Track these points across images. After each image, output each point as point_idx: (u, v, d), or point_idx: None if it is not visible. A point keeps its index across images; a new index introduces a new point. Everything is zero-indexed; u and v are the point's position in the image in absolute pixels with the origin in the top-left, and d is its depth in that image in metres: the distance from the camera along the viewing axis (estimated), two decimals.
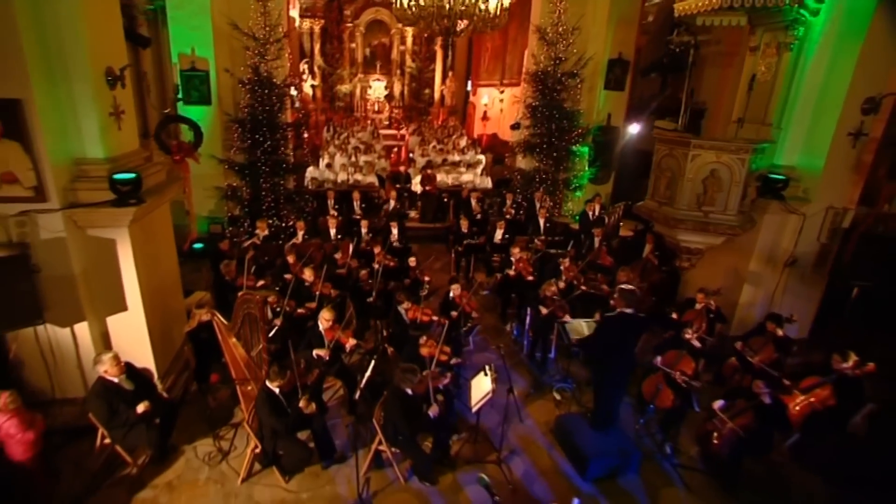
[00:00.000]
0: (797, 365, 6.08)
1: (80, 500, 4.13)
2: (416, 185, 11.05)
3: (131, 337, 5.07)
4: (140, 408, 4.27)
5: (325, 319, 5.25)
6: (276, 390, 4.37)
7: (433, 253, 9.11)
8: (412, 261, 7.08)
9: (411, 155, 13.29)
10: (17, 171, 4.17)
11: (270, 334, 5.47)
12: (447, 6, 6.64)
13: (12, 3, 3.86)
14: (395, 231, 8.46)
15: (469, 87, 16.51)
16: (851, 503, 4.28)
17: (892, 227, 6.09)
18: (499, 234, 8.64)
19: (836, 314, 6.58)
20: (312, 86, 16.02)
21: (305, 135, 15.02)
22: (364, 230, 8.45)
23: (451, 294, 6.26)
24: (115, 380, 4.30)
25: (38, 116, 4.10)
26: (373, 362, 4.83)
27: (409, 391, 4.44)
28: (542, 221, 8.62)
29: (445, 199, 10.89)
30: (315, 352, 5.22)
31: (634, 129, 9.80)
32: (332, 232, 8.37)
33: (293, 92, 13.60)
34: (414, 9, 6.73)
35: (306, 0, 15.16)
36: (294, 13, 15.29)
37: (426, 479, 4.54)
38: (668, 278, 7.53)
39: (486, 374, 4.64)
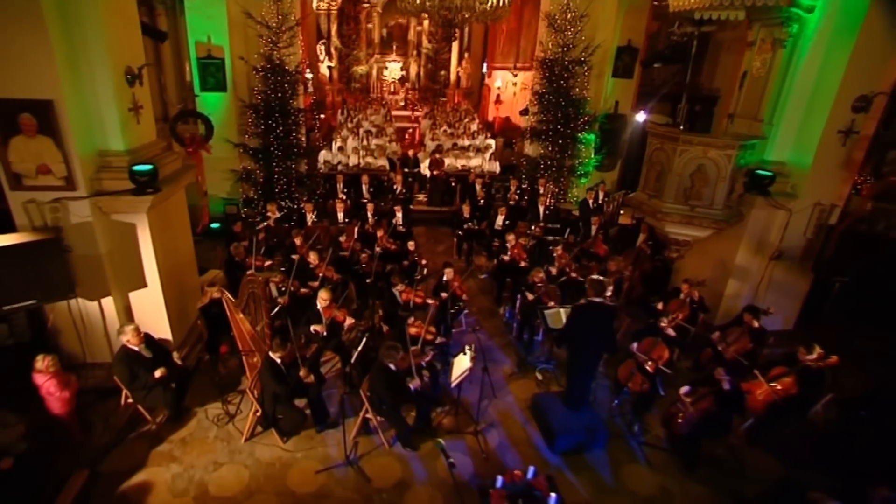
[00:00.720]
0: (779, 355, 6.38)
1: (107, 450, 4.85)
2: (425, 169, 11.47)
3: (150, 310, 5.75)
4: (157, 373, 4.95)
5: (322, 299, 5.82)
6: (279, 360, 4.97)
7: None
8: (411, 245, 7.56)
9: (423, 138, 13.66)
10: (51, 164, 4.79)
11: (274, 311, 6.07)
12: None
13: (43, 14, 4.40)
14: (398, 215, 8.94)
15: (485, 70, 16.63)
16: (801, 482, 4.62)
17: (876, 226, 6.25)
18: (500, 220, 9.04)
19: (820, 307, 6.81)
20: (329, 67, 16.39)
21: (322, 116, 15.53)
22: (370, 213, 8.96)
23: (445, 277, 6.73)
24: (136, 348, 4.98)
25: (67, 114, 4.68)
26: (364, 339, 5.39)
27: (393, 367, 4.97)
28: (541, 209, 8.95)
29: (453, 184, 11.28)
30: (312, 327, 5.82)
31: (641, 117, 9.93)
32: (340, 215, 8.92)
33: (308, 75, 14.05)
34: (417, 1, 7.04)
35: None
36: None
37: (408, 445, 5.11)
38: (661, 267, 7.83)
39: (465, 354, 5.15)
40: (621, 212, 9.69)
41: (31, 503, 4.13)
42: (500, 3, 7.15)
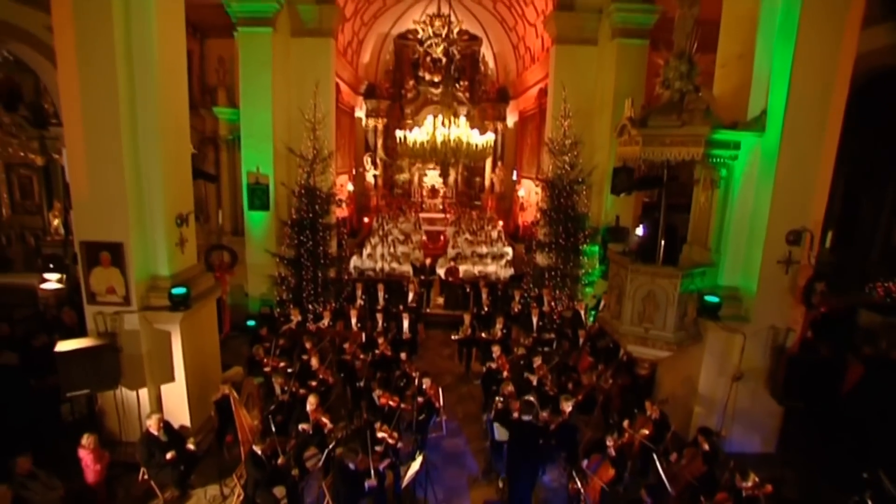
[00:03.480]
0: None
1: None
2: (443, 275, 13.12)
3: (176, 400, 7.53)
4: (168, 455, 6.56)
5: (310, 403, 7.30)
6: (259, 452, 6.43)
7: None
8: (403, 355, 8.98)
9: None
10: (116, 286, 6.94)
11: (272, 408, 7.63)
12: (439, 146, 8.91)
13: (125, 182, 6.72)
14: (406, 323, 10.49)
15: (515, 177, 18.68)
16: None
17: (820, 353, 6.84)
18: (497, 329, 10.28)
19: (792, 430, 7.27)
20: (374, 175, 19.23)
21: (366, 220, 18.08)
22: (380, 320, 10.59)
23: (423, 385, 8.00)
24: (156, 433, 6.66)
25: (132, 252, 6.87)
26: (334, 441, 6.75)
27: (352, 466, 6.23)
28: (535, 320, 10.12)
29: (468, 290, 12.77)
30: (301, 426, 7.27)
31: (640, 231, 11.08)
32: (353, 320, 10.62)
33: (350, 187, 16.75)
34: (409, 147, 9.10)
35: (372, 104, 18.71)
36: (360, 114, 18.89)
37: None
38: (641, 381, 8.57)
39: (415, 459, 6.33)
40: None
41: None
42: (484, 145, 9.01)
